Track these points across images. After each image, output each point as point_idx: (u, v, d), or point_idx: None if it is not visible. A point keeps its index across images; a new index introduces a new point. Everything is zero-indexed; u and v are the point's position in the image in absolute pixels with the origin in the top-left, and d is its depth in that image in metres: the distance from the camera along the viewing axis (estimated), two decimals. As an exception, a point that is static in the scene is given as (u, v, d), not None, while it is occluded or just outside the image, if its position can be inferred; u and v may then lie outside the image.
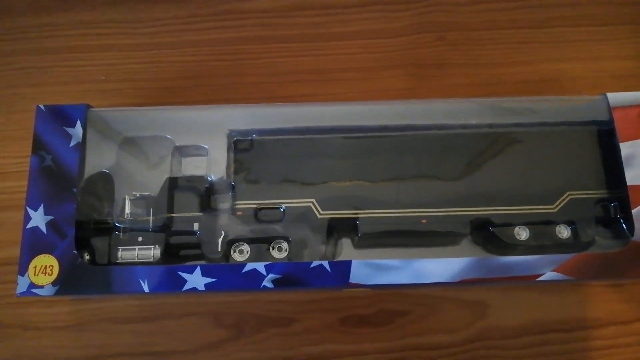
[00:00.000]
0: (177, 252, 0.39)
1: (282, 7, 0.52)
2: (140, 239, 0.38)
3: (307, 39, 0.51)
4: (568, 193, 0.39)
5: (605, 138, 0.40)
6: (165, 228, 0.38)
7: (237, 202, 0.39)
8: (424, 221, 0.38)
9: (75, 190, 0.37)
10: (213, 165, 0.39)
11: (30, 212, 0.36)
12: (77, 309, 0.43)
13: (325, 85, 0.49)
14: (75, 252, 0.36)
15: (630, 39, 0.50)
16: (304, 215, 0.39)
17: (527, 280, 0.36)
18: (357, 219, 0.38)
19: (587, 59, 0.50)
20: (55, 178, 0.37)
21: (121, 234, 0.38)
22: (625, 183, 0.37)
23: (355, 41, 0.51)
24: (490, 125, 0.40)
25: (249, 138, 0.40)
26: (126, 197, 0.39)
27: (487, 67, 0.50)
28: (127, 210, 0.38)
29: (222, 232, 0.39)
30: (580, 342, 0.42)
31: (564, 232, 0.38)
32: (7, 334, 0.42)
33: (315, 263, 0.36)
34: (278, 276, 0.36)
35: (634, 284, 0.43)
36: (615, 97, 0.40)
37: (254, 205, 0.39)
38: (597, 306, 0.42)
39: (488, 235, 0.39)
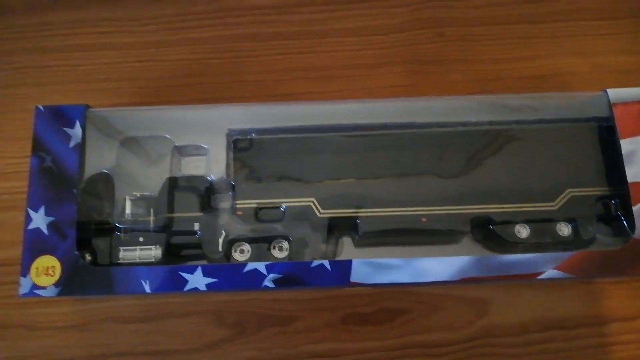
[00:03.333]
0: (178, 252, 0.39)
1: (280, 4, 0.51)
2: (141, 239, 0.38)
3: (305, 36, 0.50)
4: (568, 190, 0.39)
5: (606, 135, 0.40)
6: (165, 228, 0.38)
7: (237, 202, 0.39)
8: (424, 219, 0.38)
9: (75, 191, 0.37)
10: (213, 164, 0.39)
11: (31, 213, 0.36)
12: (79, 308, 0.43)
13: (323, 82, 0.49)
14: (77, 253, 0.36)
15: (630, 34, 0.50)
16: (304, 214, 0.39)
17: (528, 278, 0.36)
18: (357, 217, 0.38)
19: (587, 54, 0.49)
20: (55, 179, 0.37)
21: (122, 234, 0.38)
22: (626, 180, 0.37)
23: (354, 38, 0.50)
24: (490, 123, 0.40)
25: (249, 137, 0.40)
26: (126, 197, 0.38)
27: (486, 63, 0.49)
28: (128, 210, 0.38)
29: (223, 231, 0.38)
30: (583, 340, 0.42)
31: (564, 229, 0.38)
32: (10, 334, 0.42)
33: (315, 262, 0.36)
34: (279, 276, 0.36)
35: (636, 281, 0.43)
36: (615, 93, 0.39)
37: (254, 205, 0.39)
38: (600, 303, 0.42)
39: (488, 233, 0.39)
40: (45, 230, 0.36)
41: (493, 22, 0.51)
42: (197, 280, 0.36)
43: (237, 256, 0.38)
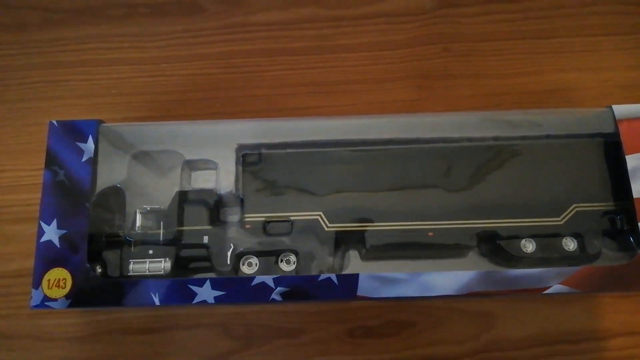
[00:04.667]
0: (187, 265, 0.40)
1: (289, 20, 0.52)
2: (151, 251, 0.38)
3: (313, 51, 0.51)
4: (574, 205, 0.39)
5: (611, 150, 0.40)
6: (175, 241, 0.39)
7: (245, 215, 0.40)
8: (430, 234, 0.39)
9: (87, 204, 0.38)
10: (222, 178, 0.40)
11: (44, 226, 0.37)
12: (89, 320, 0.43)
13: (331, 97, 0.50)
14: (88, 265, 0.36)
15: (636, 49, 0.50)
16: (312, 228, 0.39)
17: (534, 293, 0.36)
18: (364, 231, 0.39)
19: (593, 69, 0.50)
20: (68, 193, 0.38)
21: (132, 247, 0.39)
22: (632, 195, 0.38)
23: (361, 53, 0.51)
24: (495, 138, 0.41)
25: (257, 152, 0.41)
26: (137, 210, 0.39)
27: (492, 78, 0.50)
28: (138, 223, 0.39)
29: (231, 245, 0.39)
30: (589, 354, 0.42)
31: (570, 244, 0.39)
32: (20, 345, 0.43)
33: (323, 276, 0.36)
34: (286, 289, 0.36)
35: (642, 295, 0.43)
36: (621, 109, 0.40)
37: (262, 218, 0.39)
38: (606, 317, 0.43)
39: (494, 247, 0.39)
40: (57, 243, 0.37)
41: (499, 38, 0.52)
42: (206, 293, 0.36)
43: (245, 269, 0.39)
